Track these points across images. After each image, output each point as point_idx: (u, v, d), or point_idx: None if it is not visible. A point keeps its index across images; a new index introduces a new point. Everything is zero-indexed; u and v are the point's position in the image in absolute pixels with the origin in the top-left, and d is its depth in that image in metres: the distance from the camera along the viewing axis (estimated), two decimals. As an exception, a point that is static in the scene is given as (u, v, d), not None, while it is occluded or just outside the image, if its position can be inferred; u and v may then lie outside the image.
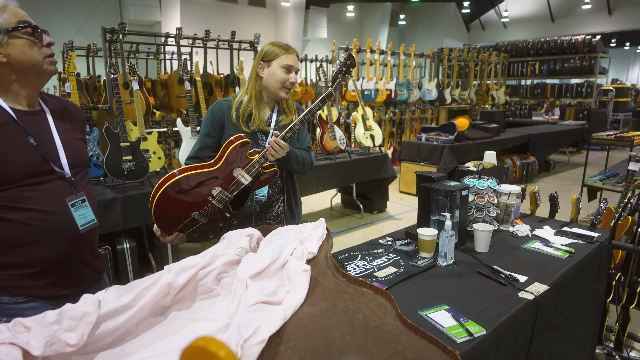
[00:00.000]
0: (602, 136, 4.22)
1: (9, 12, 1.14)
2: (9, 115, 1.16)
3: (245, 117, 1.74)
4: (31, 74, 1.18)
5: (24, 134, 1.18)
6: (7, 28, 1.12)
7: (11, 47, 1.13)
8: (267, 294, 1.01)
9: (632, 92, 13.15)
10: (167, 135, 4.23)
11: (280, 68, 1.70)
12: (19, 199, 1.15)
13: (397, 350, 0.84)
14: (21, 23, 1.14)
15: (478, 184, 1.89)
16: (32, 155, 1.18)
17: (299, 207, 1.94)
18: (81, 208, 1.27)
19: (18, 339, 0.78)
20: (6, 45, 1.12)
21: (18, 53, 1.14)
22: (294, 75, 1.73)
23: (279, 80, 1.71)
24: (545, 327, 1.44)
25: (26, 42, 1.15)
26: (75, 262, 1.27)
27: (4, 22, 1.11)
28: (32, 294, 1.19)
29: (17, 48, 1.14)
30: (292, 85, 1.74)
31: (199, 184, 1.53)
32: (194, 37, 4.57)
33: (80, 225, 1.26)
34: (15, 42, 1.13)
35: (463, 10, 16.19)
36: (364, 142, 4.98)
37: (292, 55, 1.72)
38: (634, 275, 2.47)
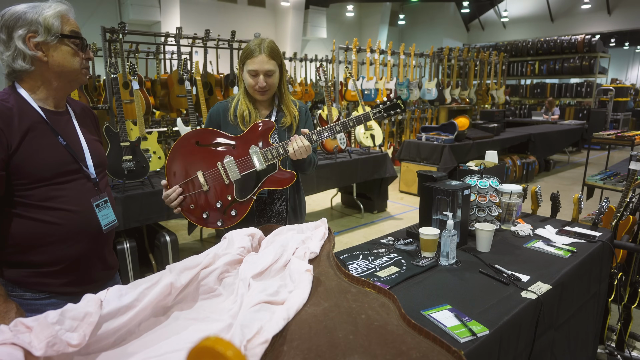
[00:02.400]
0: (603, 136, 4.22)
1: (67, 21, 1.22)
2: (39, 115, 1.21)
3: (241, 117, 1.73)
4: (64, 79, 1.24)
5: (54, 133, 1.22)
6: (60, 33, 1.19)
7: (57, 50, 1.20)
8: (269, 293, 1.01)
9: (631, 92, 13.16)
10: (167, 135, 4.23)
11: (247, 73, 1.68)
12: (47, 198, 1.19)
13: (401, 351, 0.84)
14: (74, 33, 1.23)
15: (480, 183, 1.88)
16: (62, 155, 1.23)
17: (303, 207, 1.93)
18: (104, 209, 1.32)
19: (20, 339, 0.78)
20: (53, 47, 1.19)
21: (61, 57, 1.21)
22: (261, 79, 1.66)
23: (249, 85, 1.69)
24: (548, 327, 1.43)
25: (71, 50, 1.22)
26: (94, 260, 1.32)
27: (61, 27, 1.19)
28: (54, 290, 1.23)
29: (61, 53, 1.21)
30: (262, 89, 1.68)
31: (216, 143, 1.60)
32: (194, 37, 4.57)
33: (104, 225, 1.31)
34: (63, 47, 1.21)
35: (462, 10, 16.20)
36: (364, 142, 4.97)
37: (257, 58, 1.64)
38: (635, 274, 2.47)
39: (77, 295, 1.20)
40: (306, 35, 13.26)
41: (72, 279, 1.26)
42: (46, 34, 1.16)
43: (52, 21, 1.17)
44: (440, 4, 16.34)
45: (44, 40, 1.17)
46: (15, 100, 1.18)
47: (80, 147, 1.30)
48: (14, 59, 1.16)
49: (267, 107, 1.80)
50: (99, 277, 1.34)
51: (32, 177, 1.16)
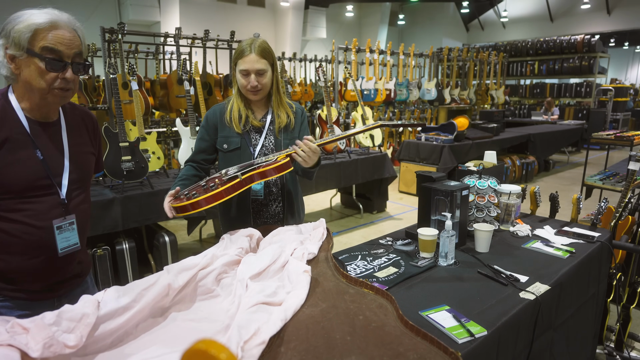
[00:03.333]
0: (602, 136, 4.22)
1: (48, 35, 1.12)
2: (21, 126, 1.17)
3: (237, 118, 1.73)
4: (35, 95, 1.17)
5: (33, 146, 1.18)
6: (27, 48, 1.11)
7: (24, 65, 1.13)
8: (267, 294, 1.00)
9: (631, 92, 13.16)
10: (167, 135, 4.23)
11: (239, 73, 1.67)
12: (12, 209, 1.16)
13: (398, 352, 0.84)
14: (45, 50, 1.12)
15: (478, 183, 1.88)
16: (36, 170, 1.19)
17: (301, 208, 1.93)
18: (67, 231, 1.25)
19: (16, 340, 0.78)
20: (23, 62, 1.12)
21: (27, 74, 1.13)
22: (252, 79, 1.65)
23: (241, 85, 1.68)
24: (547, 327, 1.43)
25: (37, 68, 1.12)
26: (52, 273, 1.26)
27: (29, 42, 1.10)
28: (7, 294, 1.20)
29: (28, 69, 1.13)
30: (254, 88, 1.67)
31: None
32: (193, 37, 4.56)
33: (60, 248, 1.24)
34: (30, 63, 1.12)
35: (462, 10, 16.19)
36: (363, 142, 4.97)
37: (247, 57, 1.63)
38: (634, 275, 2.47)
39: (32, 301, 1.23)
40: (306, 36, 13.26)
41: (27, 286, 1.23)
42: (15, 48, 1.10)
43: (21, 35, 1.09)
44: (439, 4, 16.33)
45: (14, 54, 1.11)
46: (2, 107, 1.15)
47: (60, 162, 1.25)
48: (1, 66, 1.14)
49: (262, 108, 1.80)
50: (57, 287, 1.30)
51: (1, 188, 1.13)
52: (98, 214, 2.83)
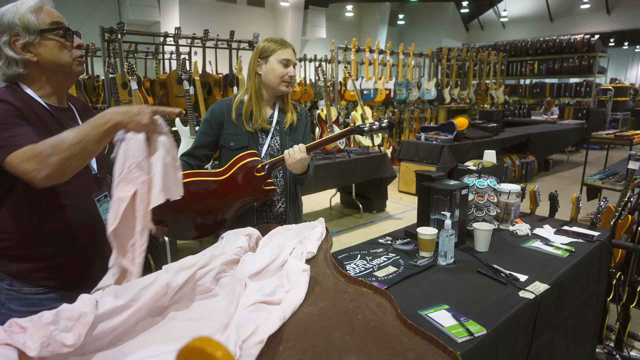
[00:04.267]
0: (601, 135, 4.22)
1: (44, 12, 1.17)
2: (47, 111, 1.20)
3: (247, 116, 1.73)
4: (60, 73, 1.22)
5: (61, 128, 1.21)
6: (40, 29, 1.15)
7: (42, 47, 1.16)
8: (266, 293, 1.00)
9: (630, 92, 13.16)
10: (168, 130, 4.22)
11: (278, 63, 1.70)
12: (52, 192, 1.19)
13: (397, 351, 0.84)
14: (54, 24, 1.17)
15: (478, 182, 1.88)
16: None
17: (300, 208, 1.93)
18: (105, 203, 1.33)
19: (14, 339, 0.77)
20: (38, 46, 1.15)
21: (48, 54, 1.17)
22: (292, 68, 1.73)
23: (278, 75, 1.71)
24: (546, 327, 1.43)
25: (57, 43, 1.18)
26: (93, 255, 1.32)
27: (38, 22, 1.15)
28: (52, 285, 1.24)
29: (48, 49, 1.17)
30: (292, 78, 1.74)
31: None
32: (193, 37, 4.56)
33: (105, 219, 1.29)
34: (47, 43, 1.16)
35: (462, 10, 16.19)
36: (363, 142, 4.97)
37: (288, 49, 1.73)
38: (634, 274, 2.47)
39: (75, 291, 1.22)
40: (305, 35, 13.25)
41: (71, 273, 1.27)
42: (26, 34, 1.13)
43: (28, 18, 1.13)
44: (439, 4, 16.33)
45: (27, 41, 1.13)
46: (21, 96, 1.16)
47: None
48: (8, 66, 1.15)
49: (270, 106, 1.81)
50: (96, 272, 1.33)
51: None
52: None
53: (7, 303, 1.19)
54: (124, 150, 1.10)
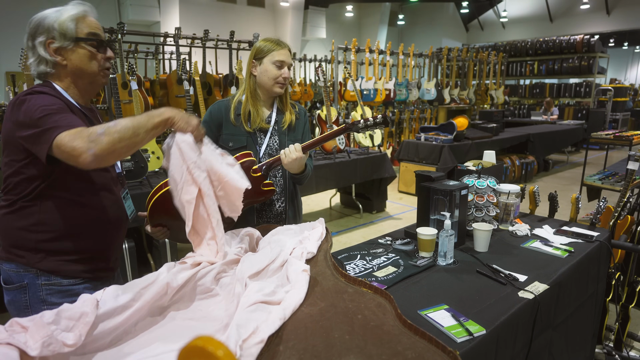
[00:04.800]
0: (601, 135, 4.23)
1: (84, 22, 1.23)
2: (81, 112, 1.25)
3: (245, 116, 1.74)
4: (84, 80, 1.27)
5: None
6: (75, 37, 1.21)
7: (74, 54, 1.22)
8: (266, 293, 1.01)
9: (630, 92, 13.18)
10: (166, 135, 4.22)
11: (272, 64, 1.70)
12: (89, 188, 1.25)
13: (396, 351, 0.84)
14: (91, 35, 1.24)
15: (477, 183, 1.89)
16: None
17: (300, 207, 1.94)
18: (127, 200, 1.41)
19: (15, 339, 0.78)
20: (70, 52, 1.22)
21: (78, 61, 1.23)
22: (286, 70, 1.72)
23: (272, 76, 1.71)
24: (545, 327, 1.43)
25: (88, 52, 1.24)
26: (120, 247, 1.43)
27: (75, 31, 1.21)
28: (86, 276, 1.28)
29: (78, 56, 1.23)
30: (285, 80, 1.73)
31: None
32: (193, 37, 4.56)
33: (129, 214, 1.42)
34: (79, 50, 1.22)
35: (462, 10, 16.20)
36: (363, 142, 4.97)
37: (283, 50, 1.72)
38: (633, 274, 2.47)
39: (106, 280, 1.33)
40: (305, 36, 13.26)
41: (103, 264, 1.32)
42: (62, 39, 1.19)
43: (67, 25, 1.19)
44: (439, 4, 16.34)
45: (60, 46, 1.20)
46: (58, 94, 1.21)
47: None
48: (38, 64, 1.21)
49: (267, 107, 1.81)
50: (115, 265, 1.42)
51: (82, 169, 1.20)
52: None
53: (48, 298, 1.22)
54: (179, 155, 1.16)
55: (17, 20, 8.56)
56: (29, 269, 1.21)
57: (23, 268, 1.21)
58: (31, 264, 1.20)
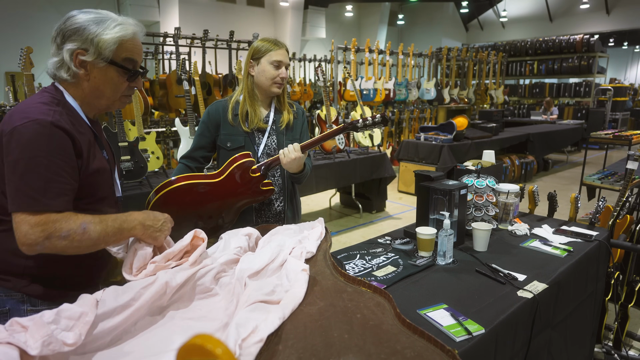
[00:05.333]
0: (600, 135, 4.23)
1: (127, 46, 1.12)
2: (89, 128, 1.16)
3: (243, 116, 1.74)
4: (101, 101, 1.18)
5: (100, 147, 1.19)
6: (111, 59, 1.11)
7: (100, 73, 1.12)
8: (265, 293, 1.01)
9: (630, 92, 13.18)
10: (166, 135, 4.23)
11: (269, 64, 1.70)
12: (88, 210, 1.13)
13: (395, 350, 0.84)
14: (127, 62, 1.14)
15: (477, 182, 1.89)
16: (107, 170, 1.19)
17: (299, 206, 1.94)
18: None
19: (15, 338, 0.78)
20: (98, 70, 1.11)
21: (101, 81, 1.13)
22: (284, 70, 1.73)
23: (269, 76, 1.71)
24: (545, 326, 1.44)
25: (116, 77, 1.14)
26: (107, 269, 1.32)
27: (113, 52, 1.10)
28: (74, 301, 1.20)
29: (104, 77, 1.13)
30: (283, 80, 1.73)
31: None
32: (193, 37, 4.57)
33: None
34: (107, 72, 1.12)
35: (461, 10, 16.20)
36: (362, 142, 4.98)
37: (280, 50, 1.72)
38: (632, 273, 2.48)
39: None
40: (305, 35, 13.26)
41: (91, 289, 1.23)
42: (95, 56, 1.09)
43: (108, 46, 1.09)
44: (439, 4, 16.34)
45: (91, 61, 1.09)
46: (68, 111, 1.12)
47: (112, 159, 1.26)
48: (58, 67, 1.11)
49: (265, 107, 1.81)
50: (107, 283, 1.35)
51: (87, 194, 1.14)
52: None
53: None
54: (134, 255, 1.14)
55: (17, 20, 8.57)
56: (13, 293, 1.11)
57: (5, 292, 1.11)
58: (17, 288, 1.11)
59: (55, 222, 1.01)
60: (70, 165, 1.06)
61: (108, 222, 1.09)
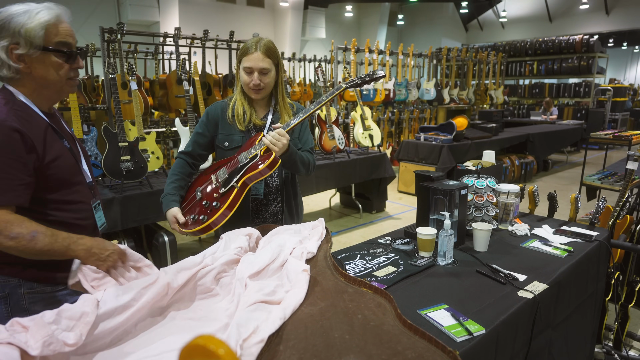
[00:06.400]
0: (600, 135, 4.23)
1: (56, 30, 1.14)
2: (44, 121, 1.19)
3: (239, 115, 1.74)
4: (50, 89, 1.20)
5: (59, 137, 1.22)
6: (43, 45, 1.12)
7: (39, 62, 1.14)
8: (266, 293, 1.01)
9: (629, 92, 13.19)
10: (166, 135, 4.23)
11: (242, 70, 1.68)
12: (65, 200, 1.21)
13: (396, 351, 0.84)
14: (60, 45, 1.15)
15: (477, 183, 1.89)
16: (70, 158, 1.23)
17: (300, 208, 1.93)
18: (98, 211, 1.34)
19: (16, 338, 0.78)
20: (35, 60, 1.13)
21: (43, 70, 1.15)
22: (255, 76, 1.65)
23: (244, 83, 1.69)
24: (545, 326, 1.44)
25: (55, 62, 1.16)
26: None
27: (44, 39, 1.12)
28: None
29: (44, 65, 1.15)
30: (256, 87, 1.67)
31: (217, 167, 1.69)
32: (193, 37, 4.56)
33: (99, 226, 1.35)
34: (45, 59, 1.14)
35: (461, 11, 16.21)
36: (362, 142, 4.98)
37: (251, 55, 1.64)
38: (632, 274, 2.48)
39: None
40: (305, 36, 13.26)
41: None
42: (28, 47, 1.10)
43: (36, 33, 1.10)
44: (439, 4, 16.35)
45: (26, 53, 1.11)
46: (19, 109, 1.15)
47: (76, 148, 1.30)
48: (0, 67, 1.12)
49: (263, 107, 1.80)
50: None
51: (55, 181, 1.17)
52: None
53: (32, 307, 1.19)
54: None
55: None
56: (10, 279, 1.17)
57: (3, 278, 1.17)
58: (13, 274, 1.17)
59: (7, 222, 1.06)
60: (19, 162, 1.09)
61: (58, 238, 1.13)
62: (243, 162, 1.61)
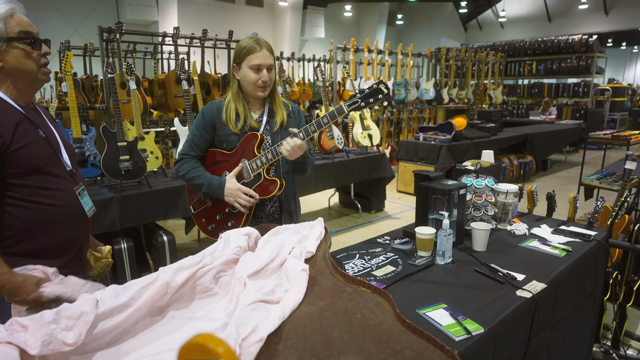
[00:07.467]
0: (599, 135, 4.24)
1: (14, 20, 1.19)
2: (18, 111, 1.23)
3: (233, 118, 1.73)
4: (25, 80, 1.25)
5: (34, 127, 1.25)
6: (7, 37, 1.17)
7: (8, 54, 1.19)
8: (265, 292, 1.01)
9: (628, 92, 13.21)
10: (165, 135, 4.22)
11: (249, 69, 1.67)
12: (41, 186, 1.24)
13: (395, 350, 0.84)
14: (22, 33, 1.20)
15: (476, 182, 1.89)
16: (45, 147, 1.27)
17: (297, 209, 1.93)
18: (84, 196, 1.38)
19: (15, 338, 0.78)
20: (4, 53, 1.19)
21: (14, 61, 1.20)
22: (265, 73, 1.66)
23: (251, 81, 1.68)
24: (543, 326, 1.44)
25: (23, 52, 1.21)
26: (85, 242, 1.41)
27: (6, 31, 1.18)
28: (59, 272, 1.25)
29: (13, 56, 1.20)
30: (265, 83, 1.68)
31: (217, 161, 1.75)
32: (192, 37, 4.56)
33: (87, 210, 1.39)
34: (13, 50, 1.19)
35: (460, 10, 16.22)
36: (361, 142, 4.98)
37: (259, 53, 1.65)
38: (630, 273, 2.48)
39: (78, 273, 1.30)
40: (304, 35, 13.25)
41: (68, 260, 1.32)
42: None
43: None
44: (438, 4, 16.35)
45: None
46: None
47: (54, 139, 1.34)
48: None
49: (258, 107, 1.80)
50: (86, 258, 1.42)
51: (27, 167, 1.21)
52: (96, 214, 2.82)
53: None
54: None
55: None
56: None
57: None
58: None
59: None
60: None
61: None
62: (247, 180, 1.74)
